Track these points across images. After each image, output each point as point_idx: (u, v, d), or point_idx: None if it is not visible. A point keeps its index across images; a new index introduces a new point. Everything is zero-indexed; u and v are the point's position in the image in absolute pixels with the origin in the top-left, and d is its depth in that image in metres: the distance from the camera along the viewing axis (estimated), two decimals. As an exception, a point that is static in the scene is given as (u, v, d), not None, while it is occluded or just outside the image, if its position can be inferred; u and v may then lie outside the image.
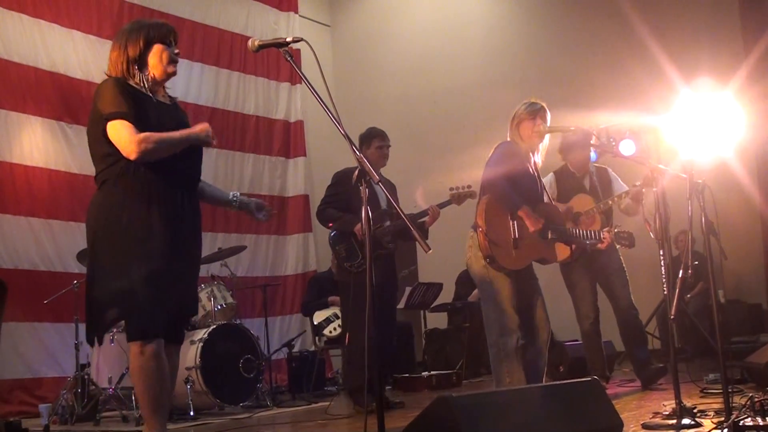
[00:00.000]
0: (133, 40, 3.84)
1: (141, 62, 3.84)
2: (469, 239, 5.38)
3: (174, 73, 3.92)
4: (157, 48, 3.85)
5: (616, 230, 5.96)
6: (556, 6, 11.32)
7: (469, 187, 6.57)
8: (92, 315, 3.78)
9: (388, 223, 6.65)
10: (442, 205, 6.70)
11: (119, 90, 3.72)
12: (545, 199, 5.58)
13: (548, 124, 5.38)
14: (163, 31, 3.91)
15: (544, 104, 5.41)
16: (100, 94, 3.75)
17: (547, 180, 6.88)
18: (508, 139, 5.43)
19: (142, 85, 3.82)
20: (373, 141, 6.86)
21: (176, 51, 3.93)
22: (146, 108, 3.75)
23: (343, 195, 6.70)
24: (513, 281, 5.23)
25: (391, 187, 6.93)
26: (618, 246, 6.26)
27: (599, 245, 5.97)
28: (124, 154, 3.65)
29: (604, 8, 10.63)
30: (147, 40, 3.84)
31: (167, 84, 4.00)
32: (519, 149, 5.37)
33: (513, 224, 5.23)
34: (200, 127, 3.83)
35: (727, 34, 9.72)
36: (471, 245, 5.35)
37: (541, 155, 5.46)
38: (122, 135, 3.63)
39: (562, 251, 6.28)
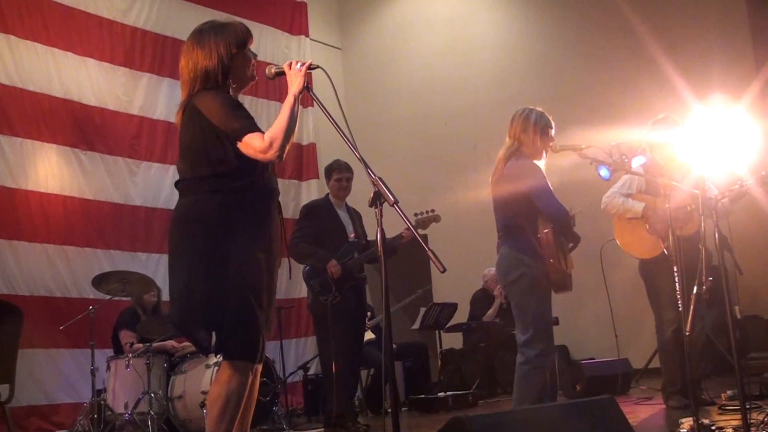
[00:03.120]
0: (226, 43, 3.65)
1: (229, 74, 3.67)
2: (510, 260, 5.07)
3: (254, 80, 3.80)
4: (242, 55, 3.70)
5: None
6: (566, 25, 11.35)
7: (432, 211, 6.77)
8: (200, 318, 3.56)
9: (356, 254, 6.86)
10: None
11: (227, 100, 3.61)
12: None
13: None
14: (244, 35, 3.73)
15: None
16: (211, 108, 3.57)
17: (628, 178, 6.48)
18: (515, 136, 5.15)
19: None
20: (333, 174, 7.11)
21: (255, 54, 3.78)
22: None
23: (313, 228, 6.93)
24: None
25: (357, 216, 7.18)
26: None
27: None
28: (266, 160, 3.56)
29: (615, 26, 10.65)
30: (239, 45, 3.68)
31: None
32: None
33: (562, 238, 5.08)
34: (296, 87, 3.61)
35: (738, 49, 9.72)
36: (514, 264, 5.03)
37: None
38: (258, 146, 3.51)
39: (655, 246, 6.18)
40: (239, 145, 3.54)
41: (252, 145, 3.52)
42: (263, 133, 3.55)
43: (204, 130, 3.59)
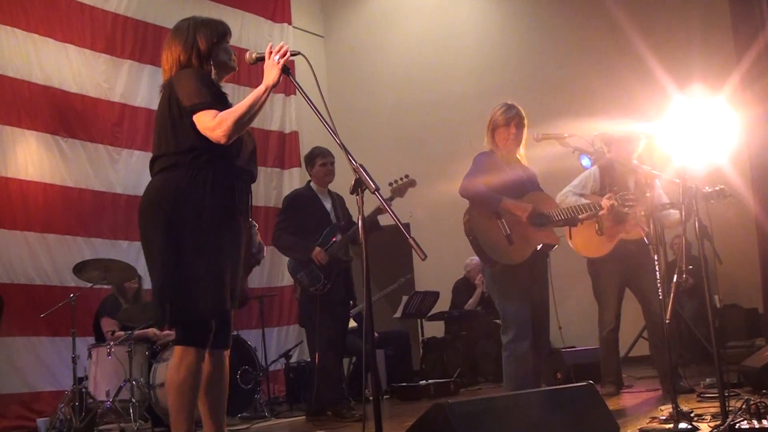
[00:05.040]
0: (205, 34, 3.80)
1: (208, 60, 3.80)
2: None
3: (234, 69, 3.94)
4: (221, 45, 3.84)
5: (620, 194, 5.63)
6: (548, 15, 11.37)
7: (406, 176, 6.69)
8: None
9: (339, 236, 6.84)
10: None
11: (200, 78, 3.69)
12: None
13: (526, 127, 5.33)
14: (223, 29, 3.90)
15: (520, 108, 5.33)
16: (181, 83, 3.68)
17: (591, 173, 6.56)
18: (485, 143, 5.40)
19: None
20: (317, 159, 7.09)
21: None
22: (224, 100, 3.75)
23: (295, 218, 6.95)
24: (522, 279, 5.18)
25: (340, 200, 7.18)
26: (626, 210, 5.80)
27: (601, 213, 5.71)
28: (214, 141, 3.59)
29: (597, 17, 10.68)
30: (219, 37, 3.83)
31: None
32: (493, 158, 5.32)
33: (501, 222, 5.19)
34: (270, 79, 3.65)
35: (719, 39, 9.77)
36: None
37: (523, 158, 5.41)
38: (207, 123, 3.58)
39: (603, 246, 6.32)
40: (194, 118, 3.61)
41: (203, 121, 3.60)
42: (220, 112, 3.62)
43: (171, 105, 3.70)
